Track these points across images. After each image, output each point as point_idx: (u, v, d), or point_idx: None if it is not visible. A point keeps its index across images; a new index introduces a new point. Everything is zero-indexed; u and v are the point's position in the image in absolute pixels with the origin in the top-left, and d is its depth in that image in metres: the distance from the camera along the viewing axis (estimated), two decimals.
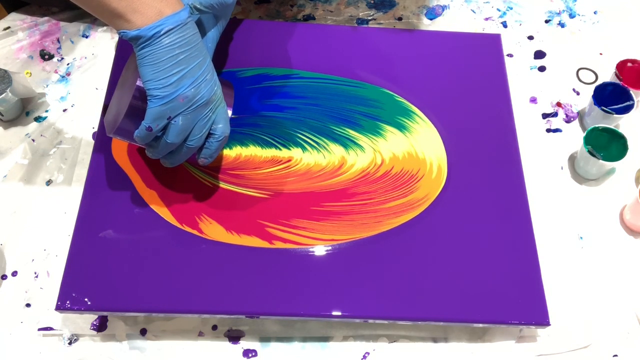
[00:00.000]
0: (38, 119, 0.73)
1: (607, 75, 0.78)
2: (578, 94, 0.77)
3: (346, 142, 0.66)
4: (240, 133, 0.66)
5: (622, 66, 0.73)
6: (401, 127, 0.67)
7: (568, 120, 0.75)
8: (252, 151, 0.65)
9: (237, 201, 0.62)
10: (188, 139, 0.54)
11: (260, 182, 0.63)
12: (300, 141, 0.66)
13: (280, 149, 0.65)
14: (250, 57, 0.72)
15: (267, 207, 0.61)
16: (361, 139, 0.66)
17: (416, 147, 0.66)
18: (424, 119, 0.68)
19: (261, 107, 0.68)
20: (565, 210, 0.68)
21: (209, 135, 0.55)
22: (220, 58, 0.71)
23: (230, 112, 0.58)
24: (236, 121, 0.67)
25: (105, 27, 0.81)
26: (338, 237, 0.60)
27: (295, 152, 0.65)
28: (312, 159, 0.65)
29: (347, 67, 0.71)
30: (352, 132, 0.67)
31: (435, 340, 0.61)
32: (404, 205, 0.62)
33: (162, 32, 0.50)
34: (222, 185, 0.63)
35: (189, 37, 0.51)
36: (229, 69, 0.70)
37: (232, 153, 0.65)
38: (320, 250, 0.59)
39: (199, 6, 0.57)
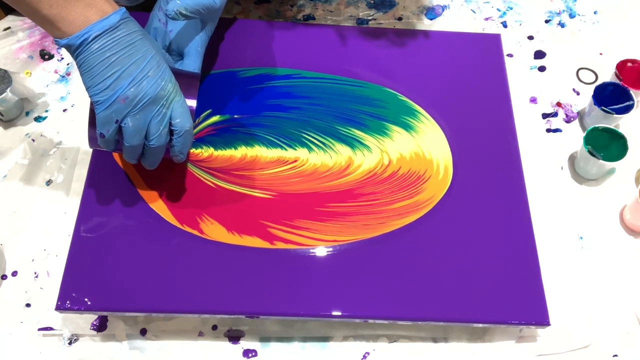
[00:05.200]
0: (38, 119, 0.73)
1: (607, 75, 0.78)
2: (578, 94, 0.77)
3: (353, 143, 0.66)
4: (244, 133, 0.66)
5: (622, 66, 0.73)
6: (407, 127, 0.67)
7: (568, 120, 0.75)
8: (258, 151, 0.65)
9: (239, 202, 0.62)
10: (148, 139, 0.54)
11: (266, 183, 0.63)
12: (306, 141, 0.66)
13: (286, 150, 0.65)
14: (250, 57, 0.72)
15: (271, 207, 0.61)
16: (368, 139, 0.66)
17: (423, 147, 0.66)
18: (429, 118, 0.68)
19: (264, 107, 0.68)
20: (565, 210, 0.68)
21: (172, 132, 0.55)
22: (220, 58, 0.71)
23: (194, 104, 0.57)
24: (239, 121, 0.67)
25: None
26: (340, 238, 0.60)
27: (301, 153, 0.65)
28: (319, 159, 0.65)
29: (348, 67, 0.71)
30: (358, 132, 0.67)
31: (435, 340, 0.61)
32: (410, 207, 0.62)
33: (90, 39, 0.49)
34: (225, 185, 0.63)
35: (122, 37, 0.50)
36: (230, 68, 0.70)
37: (238, 153, 0.65)
38: (320, 250, 0.59)
39: (184, 12, 0.57)
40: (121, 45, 0.50)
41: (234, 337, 0.61)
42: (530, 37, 0.82)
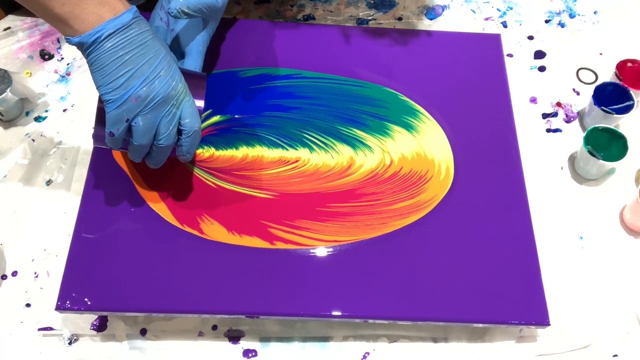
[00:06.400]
0: (38, 119, 0.73)
1: (607, 75, 0.78)
2: (578, 94, 0.77)
3: (354, 143, 0.66)
4: (245, 133, 0.66)
5: (622, 66, 0.73)
6: (408, 127, 0.67)
7: (568, 120, 0.75)
8: (259, 152, 0.65)
9: (240, 202, 0.62)
10: (157, 139, 0.54)
11: (267, 183, 0.63)
12: (307, 141, 0.66)
13: (287, 150, 0.65)
14: (251, 57, 0.72)
15: (271, 207, 0.61)
16: (369, 139, 0.66)
17: (424, 147, 0.66)
18: (430, 117, 0.68)
19: (265, 107, 0.68)
20: (565, 210, 0.68)
21: (180, 132, 0.55)
22: (221, 58, 0.71)
23: (202, 104, 0.57)
24: (240, 121, 0.67)
25: None
26: (341, 238, 0.60)
27: (302, 153, 0.65)
28: (320, 159, 0.65)
29: (348, 67, 0.71)
30: (359, 133, 0.66)
31: (435, 340, 0.61)
32: (411, 207, 0.62)
33: (102, 37, 0.49)
34: (226, 185, 0.63)
35: (134, 36, 0.50)
36: (230, 68, 0.70)
37: (239, 154, 0.64)
38: (321, 250, 0.59)
39: (187, 10, 0.57)
40: (134, 44, 0.50)
41: (234, 337, 0.61)
42: (530, 37, 0.82)
